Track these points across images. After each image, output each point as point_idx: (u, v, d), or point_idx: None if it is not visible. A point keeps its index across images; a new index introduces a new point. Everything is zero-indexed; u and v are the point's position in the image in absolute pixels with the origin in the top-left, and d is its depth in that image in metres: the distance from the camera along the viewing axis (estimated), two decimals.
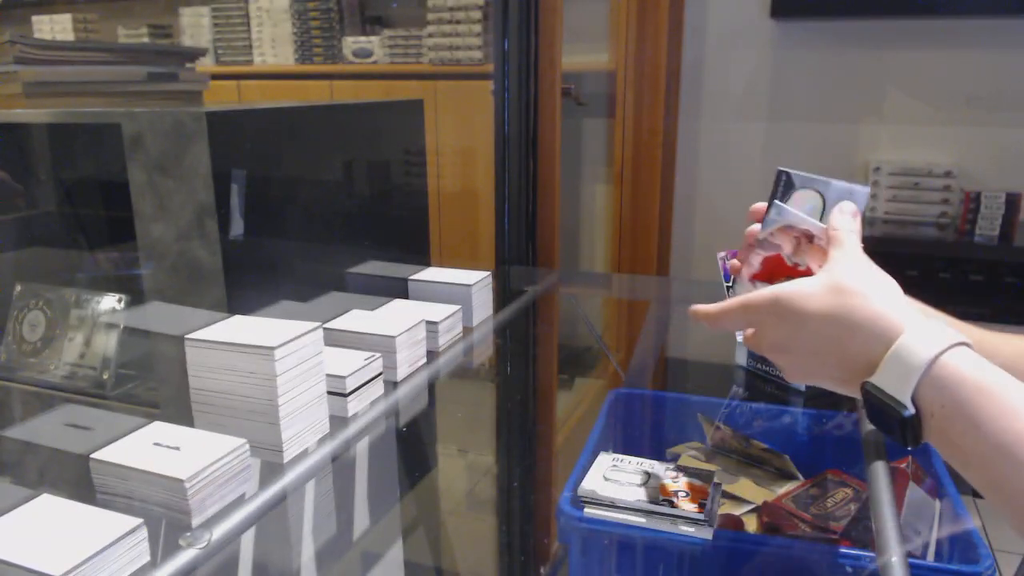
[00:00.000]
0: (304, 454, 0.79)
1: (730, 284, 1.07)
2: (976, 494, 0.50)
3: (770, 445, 0.88)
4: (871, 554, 0.67)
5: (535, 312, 1.44)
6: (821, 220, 0.64)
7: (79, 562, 0.55)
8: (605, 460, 0.79)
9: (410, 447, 1.00)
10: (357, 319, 1.00)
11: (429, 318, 1.04)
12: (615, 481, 0.75)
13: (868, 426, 0.85)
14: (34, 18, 2.96)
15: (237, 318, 0.83)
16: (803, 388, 0.95)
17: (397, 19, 2.88)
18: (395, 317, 1.02)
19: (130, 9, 3.16)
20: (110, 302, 0.99)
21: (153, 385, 0.98)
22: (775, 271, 0.67)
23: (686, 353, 1.42)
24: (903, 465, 0.78)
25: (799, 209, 0.64)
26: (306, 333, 0.78)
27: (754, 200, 0.68)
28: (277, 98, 2.84)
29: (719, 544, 0.69)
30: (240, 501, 0.70)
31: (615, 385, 1.46)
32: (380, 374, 0.91)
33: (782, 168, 0.66)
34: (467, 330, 1.15)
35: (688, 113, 2.54)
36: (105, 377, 0.96)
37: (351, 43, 2.79)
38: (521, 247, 1.64)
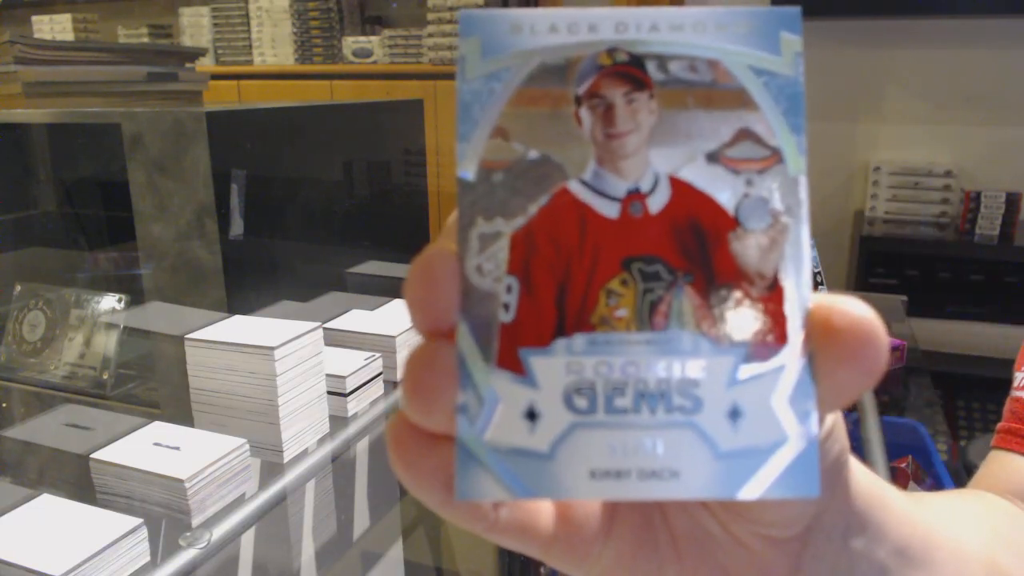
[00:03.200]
0: (304, 454, 0.79)
1: None
2: None
3: None
4: None
5: None
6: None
7: (79, 562, 0.55)
8: None
9: None
10: (357, 319, 1.00)
11: None
12: None
13: (869, 426, 0.85)
14: (34, 18, 2.96)
15: (237, 318, 0.83)
16: None
17: (397, 19, 2.88)
18: (395, 317, 1.02)
19: (130, 9, 3.15)
20: (110, 302, 0.99)
21: (153, 385, 0.97)
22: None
23: None
24: (903, 465, 0.78)
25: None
26: (306, 333, 0.78)
27: None
28: (277, 98, 2.84)
29: None
30: (240, 501, 0.70)
31: None
32: (380, 374, 0.91)
33: None
34: None
35: None
36: (105, 377, 0.96)
37: (351, 43, 2.79)
38: None
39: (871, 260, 2.22)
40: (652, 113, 0.19)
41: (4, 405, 1.01)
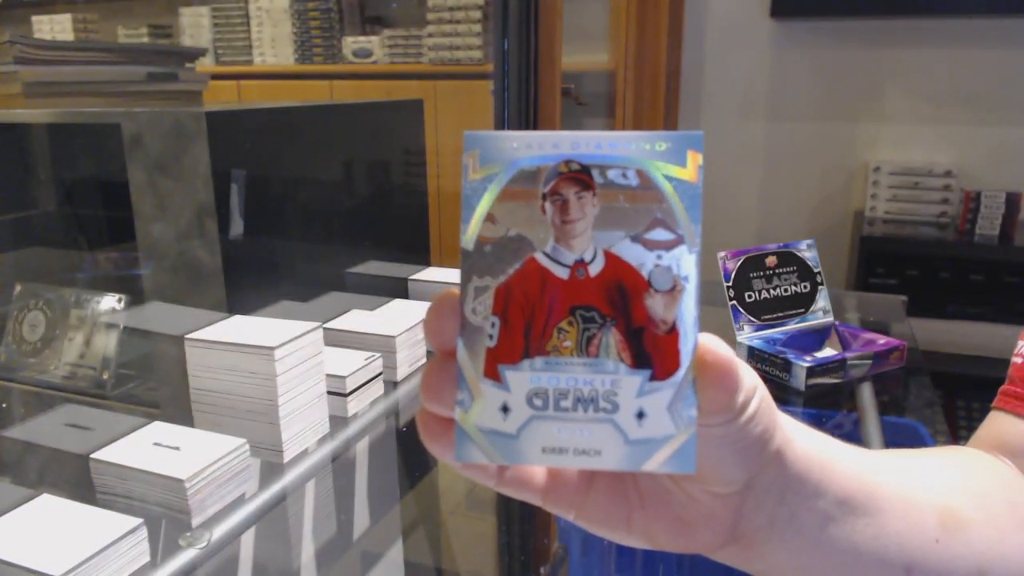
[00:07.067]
0: (304, 454, 0.79)
1: (730, 284, 1.06)
2: None
3: None
4: None
5: None
6: None
7: (79, 562, 0.55)
8: None
9: (410, 447, 1.00)
10: (357, 319, 1.00)
11: None
12: None
13: (869, 426, 0.85)
14: (34, 18, 2.96)
15: (237, 318, 0.83)
16: (803, 388, 0.95)
17: (397, 19, 2.88)
18: (395, 317, 1.02)
19: (130, 9, 3.15)
20: (110, 302, 0.99)
21: (153, 385, 0.97)
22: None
23: None
24: None
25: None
26: (306, 333, 0.78)
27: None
28: (277, 98, 2.84)
29: None
30: (240, 501, 0.70)
31: None
32: (380, 374, 0.91)
33: None
34: None
35: (688, 113, 2.54)
36: (105, 377, 0.96)
37: (351, 43, 2.79)
38: None
39: (871, 260, 2.22)
40: (595, 206, 0.26)
41: (4, 405, 1.01)
